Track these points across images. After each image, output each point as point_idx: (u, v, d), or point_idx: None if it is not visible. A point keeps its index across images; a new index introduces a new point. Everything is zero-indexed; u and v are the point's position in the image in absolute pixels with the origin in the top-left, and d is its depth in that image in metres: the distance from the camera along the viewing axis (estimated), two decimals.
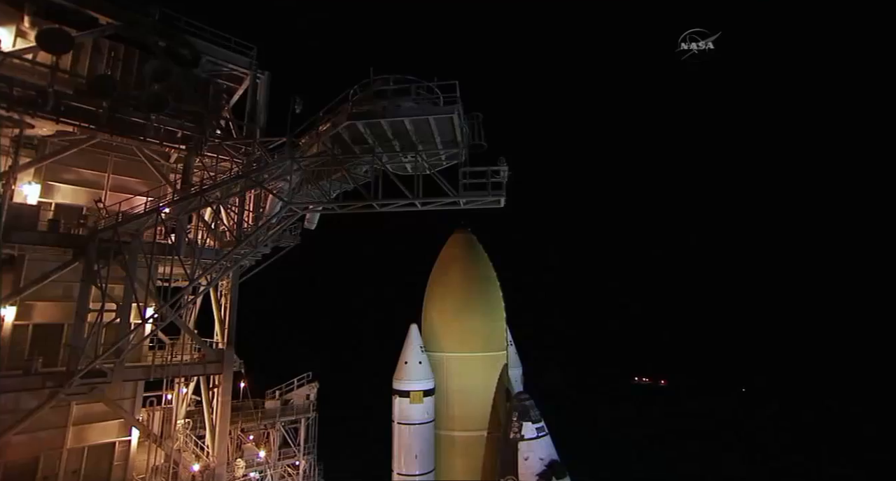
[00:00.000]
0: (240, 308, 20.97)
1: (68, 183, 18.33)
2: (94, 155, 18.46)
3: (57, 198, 18.05)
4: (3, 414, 14.50)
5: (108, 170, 19.01)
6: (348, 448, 41.98)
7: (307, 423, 25.06)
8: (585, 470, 25.44)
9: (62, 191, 18.23)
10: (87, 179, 18.75)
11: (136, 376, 17.34)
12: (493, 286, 18.56)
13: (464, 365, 17.52)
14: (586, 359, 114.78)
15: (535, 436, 15.25)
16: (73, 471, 16.85)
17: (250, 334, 25.19)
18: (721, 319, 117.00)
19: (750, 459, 71.90)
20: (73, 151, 17.25)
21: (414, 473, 16.25)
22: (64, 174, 18.19)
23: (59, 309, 16.71)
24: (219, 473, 18.14)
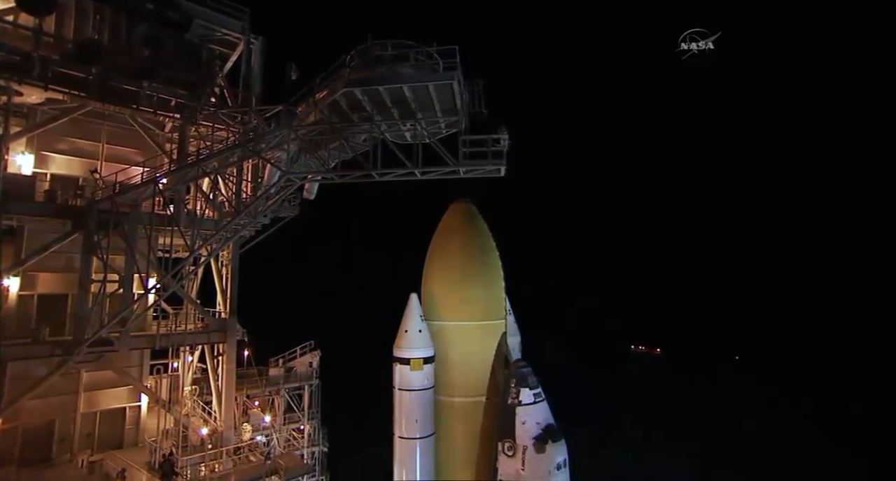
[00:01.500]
0: (241, 278, 21.16)
1: (62, 153, 18.12)
2: (87, 124, 18.17)
3: (52, 168, 17.89)
4: (15, 381, 15.11)
5: (102, 140, 18.77)
6: (351, 413, 43.21)
7: (310, 390, 25.70)
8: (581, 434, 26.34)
9: (56, 161, 18.04)
10: (82, 149, 18.52)
11: (142, 345, 17.69)
12: (493, 256, 18.61)
13: (463, 333, 17.78)
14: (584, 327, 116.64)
15: (532, 402, 15.67)
16: (87, 434, 17.55)
17: (252, 304, 25.50)
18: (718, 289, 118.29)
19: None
20: (65, 120, 16.97)
21: (415, 436, 16.78)
22: (57, 144, 17.96)
23: (63, 279, 16.88)
24: (227, 437, 18.76)
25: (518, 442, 15.33)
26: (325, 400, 26.13)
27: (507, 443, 15.56)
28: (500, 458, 15.70)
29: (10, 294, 15.86)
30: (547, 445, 14.99)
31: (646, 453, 64.21)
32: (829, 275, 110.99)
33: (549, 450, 14.98)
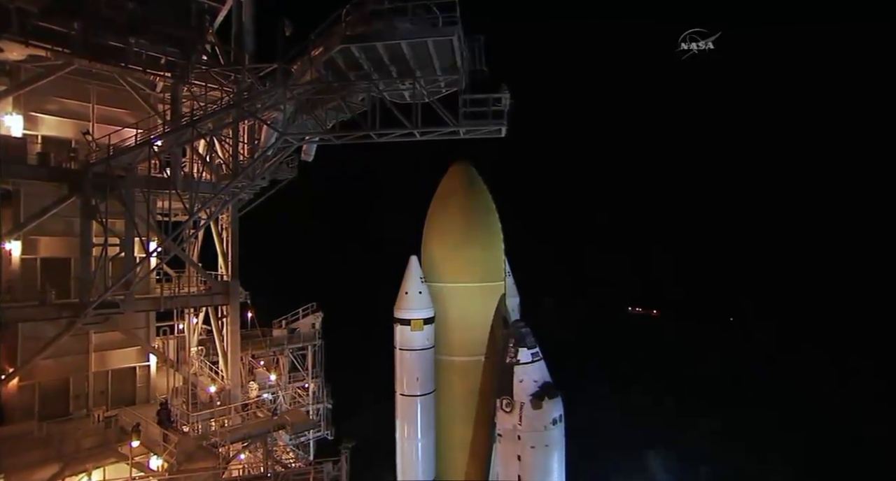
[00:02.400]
0: (241, 241, 21.26)
1: (52, 114, 17.73)
2: (75, 83, 17.67)
3: (42, 130, 17.56)
4: (28, 341, 15.68)
5: (92, 101, 18.31)
6: (354, 372, 44.52)
7: (314, 350, 26.38)
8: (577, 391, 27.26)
9: (46, 122, 17.68)
10: (72, 110, 18.10)
11: (147, 307, 17.99)
12: (493, 217, 18.60)
13: (463, 295, 18.04)
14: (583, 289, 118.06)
15: (529, 361, 16.12)
16: (100, 392, 18.20)
17: (254, 267, 25.70)
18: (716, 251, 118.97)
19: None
20: (52, 79, 16.48)
21: (416, 393, 17.38)
22: (46, 105, 17.54)
23: (64, 243, 16.94)
24: (234, 394, 19.43)
25: (516, 398, 15.89)
26: (329, 360, 26.88)
27: (505, 400, 16.13)
28: (499, 414, 16.32)
29: (13, 258, 15.97)
30: (543, 402, 15.56)
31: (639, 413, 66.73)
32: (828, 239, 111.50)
33: (546, 406, 15.56)
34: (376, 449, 21.69)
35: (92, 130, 17.57)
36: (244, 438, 16.89)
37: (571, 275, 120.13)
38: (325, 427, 25.89)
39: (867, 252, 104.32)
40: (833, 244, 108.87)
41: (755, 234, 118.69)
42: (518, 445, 15.74)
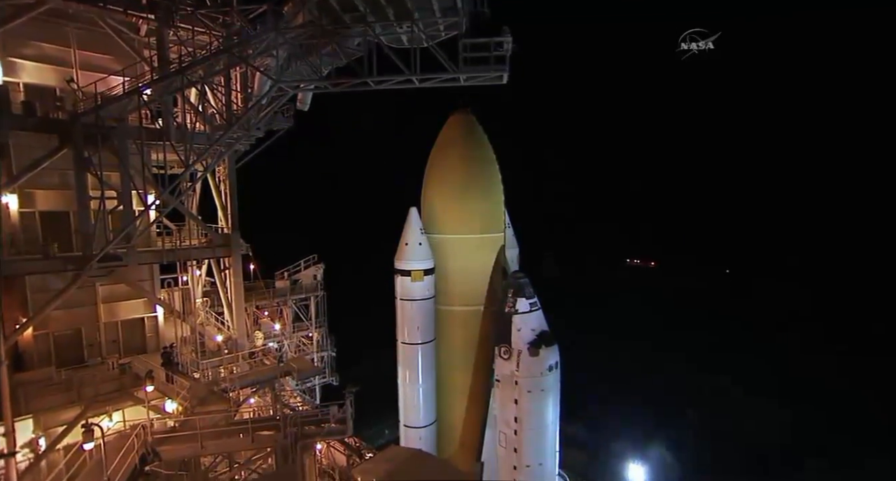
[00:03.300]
0: (240, 193, 21.10)
1: (31, 59, 16.98)
2: (53, 26, 16.82)
3: (23, 77, 16.90)
4: (37, 293, 16.12)
5: (73, 45, 17.47)
6: (356, 321, 45.67)
7: (316, 301, 26.95)
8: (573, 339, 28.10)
9: (26, 69, 16.98)
10: (51, 55, 17.31)
11: (149, 260, 18.16)
12: (493, 168, 18.36)
13: (463, 246, 18.18)
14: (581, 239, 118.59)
15: (528, 310, 16.51)
16: (112, 341, 18.80)
17: (254, 219, 25.69)
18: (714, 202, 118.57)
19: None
20: (28, 21, 15.63)
21: (416, 342, 17.97)
22: (23, 49, 16.76)
23: (61, 197, 16.81)
24: (240, 343, 20.05)
25: (514, 346, 16.42)
26: (331, 310, 27.52)
27: (503, 348, 16.67)
28: (497, 361, 16.93)
29: (12, 211, 15.91)
30: (540, 349, 16.10)
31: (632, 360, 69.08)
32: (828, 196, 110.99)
33: (543, 354, 16.12)
34: (379, 394, 22.67)
35: (76, 77, 16.91)
36: (253, 384, 17.62)
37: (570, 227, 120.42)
38: (329, 373, 26.96)
39: (864, 205, 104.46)
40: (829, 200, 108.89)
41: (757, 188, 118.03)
42: (515, 390, 16.47)
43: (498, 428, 17.51)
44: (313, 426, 14.22)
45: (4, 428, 12.68)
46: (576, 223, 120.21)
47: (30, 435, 15.00)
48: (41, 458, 14.83)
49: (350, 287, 49.97)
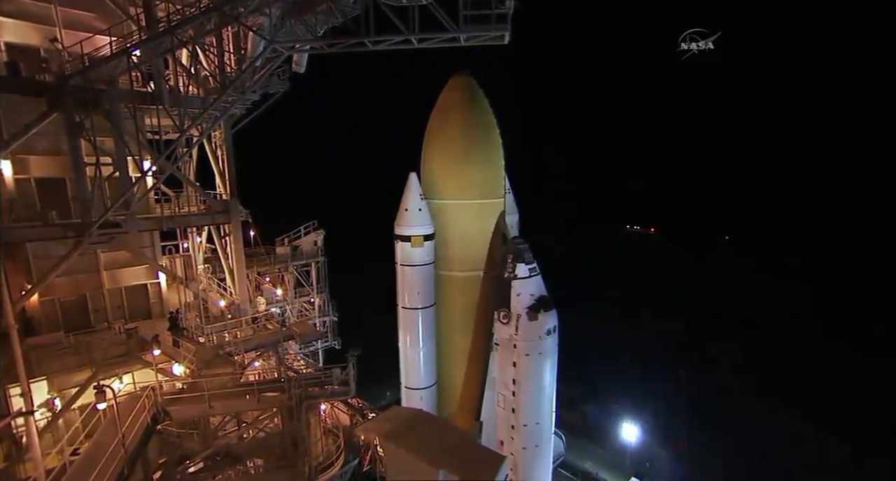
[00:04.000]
0: (238, 159, 20.85)
1: (11, 16, 16.27)
2: None
3: (4, 36, 16.28)
4: (39, 260, 16.15)
5: (54, 1, 16.73)
6: (357, 287, 46.14)
7: (317, 266, 27.17)
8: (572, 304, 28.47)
9: (6, 26, 16.30)
10: (32, 12, 16.55)
11: (149, 226, 18.16)
12: (493, 133, 18.04)
13: (462, 211, 18.13)
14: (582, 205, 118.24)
15: (527, 276, 16.64)
16: (117, 307, 19.07)
17: (252, 185, 25.52)
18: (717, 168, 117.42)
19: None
20: None
21: (416, 306, 18.22)
22: (2, 4, 16.03)
23: (56, 163, 16.58)
24: (243, 308, 20.36)
25: (513, 311, 16.66)
26: (332, 276, 27.79)
27: (502, 312, 16.92)
28: (497, 325, 17.23)
29: (6, 178, 15.74)
30: (539, 314, 16.34)
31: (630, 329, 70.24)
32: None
33: (541, 318, 16.37)
34: (381, 357, 23.22)
35: (60, 37, 16.31)
36: (257, 348, 18.02)
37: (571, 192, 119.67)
38: (331, 337, 27.54)
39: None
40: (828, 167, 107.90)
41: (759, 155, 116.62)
42: (514, 353, 16.84)
43: (496, 389, 18.03)
44: (317, 387, 14.66)
45: (21, 389, 13.10)
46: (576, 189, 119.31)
47: (45, 396, 15.56)
48: (58, 417, 15.41)
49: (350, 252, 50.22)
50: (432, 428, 11.84)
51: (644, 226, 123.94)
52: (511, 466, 17.52)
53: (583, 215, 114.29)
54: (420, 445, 10.47)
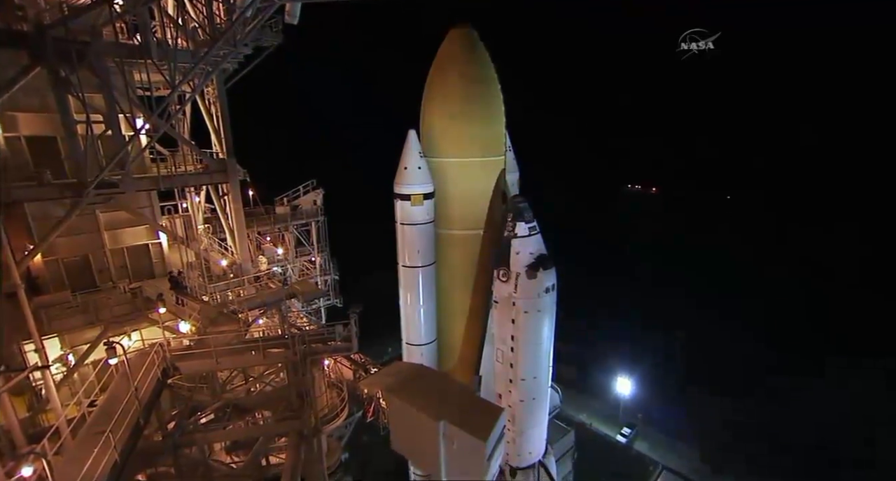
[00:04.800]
0: (233, 117, 20.38)
1: None
2: None
3: None
4: (39, 221, 16.22)
5: None
6: (357, 246, 46.45)
7: (317, 226, 27.19)
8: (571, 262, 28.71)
9: None
10: None
11: (146, 186, 18.03)
12: (494, 88, 17.44)
13: (462, 169, 17.85)
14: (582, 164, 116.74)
15: (527, 234, 16.59)
16: (120, 267, 19.29)
17: (249, 143, 25.09)
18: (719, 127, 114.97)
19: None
20: None
21: (417, 265, 18.32)
22: None
23: (46, 121, 16.24)
24: (245, 268, 20.55)
25: (512, 269, 16.75)
26: (332, 235, 27.87)
27: (502, 271, 17.03)
28: (496, 283, 17.40)
29: None
30: (538, 272, 16.45)
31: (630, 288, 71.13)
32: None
33: (540, 276, 16.49)
34: (382, 314, 23.67)
35: None
36: (260, 306, 18.35)
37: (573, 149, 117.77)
38: (333, 295, 27.97)
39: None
40: None
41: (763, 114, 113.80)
42: (513, 310, 17.11)
43: (495, 345, 18.48)
44: (320, 344, 15.03)
45: (35, 345, 13.48)
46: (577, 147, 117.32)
47: (59, 352, 16.04)
48: (72, 371, 15.96)
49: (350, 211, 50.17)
50: (433, 382, 12.23)
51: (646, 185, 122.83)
52: (509, 417, 18.26)
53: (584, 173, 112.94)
54: (421, 398, 10.82)
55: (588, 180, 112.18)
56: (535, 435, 19.51)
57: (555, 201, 78.02)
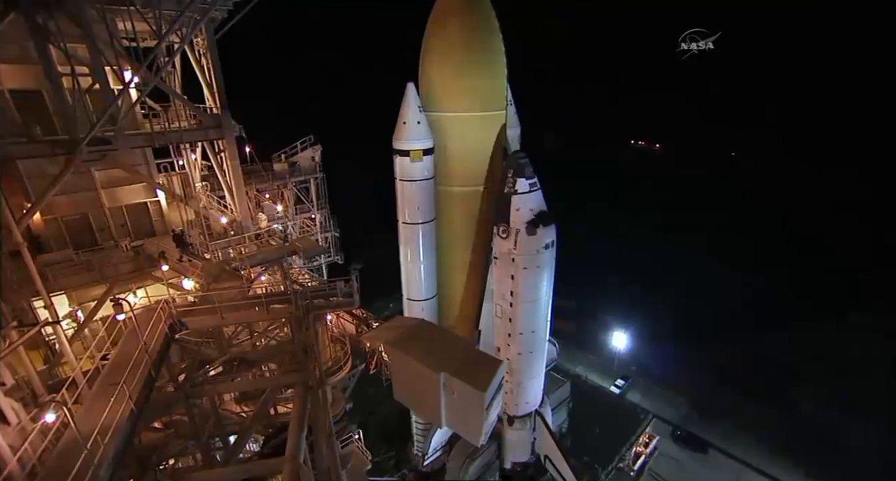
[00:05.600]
0: (226, 70, 19.64)
1: None
2: None
3: None
4: (34, 180, 16.02)
5: None
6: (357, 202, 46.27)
7: (316, 183, 26.92)
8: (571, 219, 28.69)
9: None
10: None
11: (139, 143, 17.67)
12: (495, 39, 16.70)
13: (462, 124, 17.44)
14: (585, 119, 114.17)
15: (527, 191, 16.47)
16: (120, 225, 19.28)
17: (243, 98, 24.37)
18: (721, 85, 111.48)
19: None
20: None
21: (417, 221, 18.29)
22: None
23: (29, 72, 15.62)
24: (245, 225, 20.53)
25: (512, 226, 16.77)
26: (331, 192, 27.66)
27: (501, 227, 17.05)
28: (496, 239, 17.46)
29: None
30: (538, 229, 16.47)
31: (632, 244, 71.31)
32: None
33: (540, 233, 16.53)
34: (384, 270, 23.92)
35: None
36: (262, 263, 18.48)
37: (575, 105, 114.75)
38: (334, 252, 28.15)
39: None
40: None
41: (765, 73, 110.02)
42: (512, 267, 17.28)
43: (494, 300, 18.81)
44: (322, 299, 15.28)
45: (44, 302, 13.73)
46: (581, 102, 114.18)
47: (67, 309, 16.35)
48: (83, 327, 16.34)
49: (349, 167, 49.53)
50: (433, 336, 12.52)
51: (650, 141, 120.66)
52: (507, 370, 18.89)
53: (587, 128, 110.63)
54: (422, 351, 11.12)
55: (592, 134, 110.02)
56: (533, 387, 20.29)
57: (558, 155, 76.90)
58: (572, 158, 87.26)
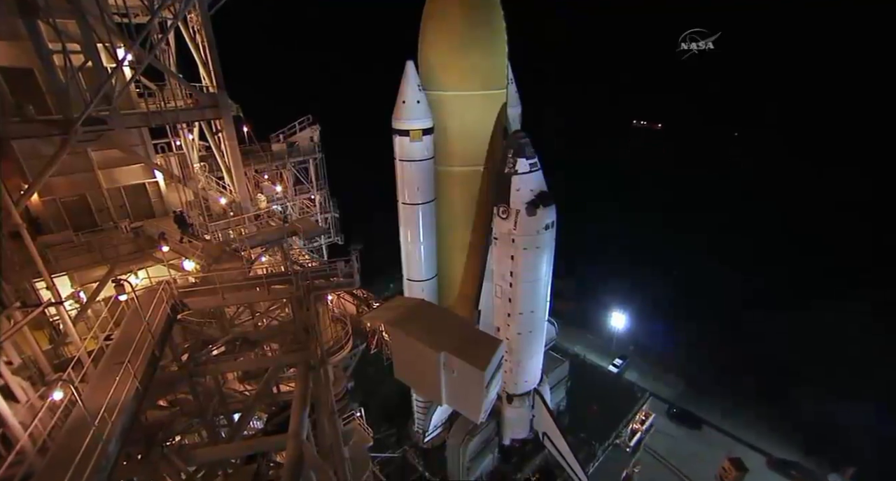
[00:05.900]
0: (221, 49, 19.24)
1: None
2: None
3: None
4: (30, 160, 15.86)
5: None
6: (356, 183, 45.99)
7: (315, 163, 26.70)
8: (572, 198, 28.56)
9: None
10: None
11: (135, 123, 17.45)
12: (496, 16, 16.32)
13: (463, 103, 17.20)
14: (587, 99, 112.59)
15: (527, 171, 16.34)
16: (119, 206, 19.21)
17: (240, 77, 23.94)
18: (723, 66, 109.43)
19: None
20: None
21: (416, 202, 18.21)
22: None
23: (19, 49, 15.29)
24: (245, 206, 20.45)
25: (512, 206, 16.70)
26: (331, 172, 27.46)
27: (501, 207, 16.99)
28: (496, 220, 17.42)
29: None
30: (538, 209, 16.40)
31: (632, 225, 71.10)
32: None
33: (540, 213, 16.47)
34: (384, 251, 23.94)
35: None
36: (262, 243, 18.48)
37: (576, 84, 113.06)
38: (334, 233, 28.13)
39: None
40: None
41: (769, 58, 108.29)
42: (512, 247, 17.28)
43: (494, 281, 18.88)
44: (323, 280, 15.33)
45: (46, 282, 13.77)
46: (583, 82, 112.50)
47: (69, 290, 16.41)
48: (86, 307, 16.45)
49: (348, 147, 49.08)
50: (433, 316, 12.56)
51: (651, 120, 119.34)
52: (507, 349, 19.09)
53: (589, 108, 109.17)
54: (422, 331, 11.18)
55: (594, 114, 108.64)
56: (532, 366, 20.55)
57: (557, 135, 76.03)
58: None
